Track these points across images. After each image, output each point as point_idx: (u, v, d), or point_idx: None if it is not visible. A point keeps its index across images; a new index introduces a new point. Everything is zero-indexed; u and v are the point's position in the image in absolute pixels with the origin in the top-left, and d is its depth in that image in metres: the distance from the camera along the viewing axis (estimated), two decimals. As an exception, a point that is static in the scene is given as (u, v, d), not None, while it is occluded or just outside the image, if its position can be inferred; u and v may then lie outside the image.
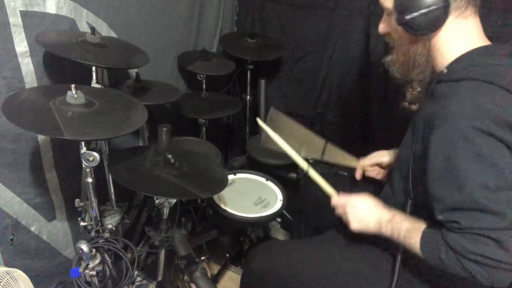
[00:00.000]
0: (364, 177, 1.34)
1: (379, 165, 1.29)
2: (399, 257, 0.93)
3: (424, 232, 0.85)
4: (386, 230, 0.93)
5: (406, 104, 1.06)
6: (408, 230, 0.88)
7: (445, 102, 0.81)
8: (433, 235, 0.83)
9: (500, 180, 0.74)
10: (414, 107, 1.05)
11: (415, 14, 0.83)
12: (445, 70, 0.88)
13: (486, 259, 0.73)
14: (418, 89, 1.01)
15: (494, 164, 0.74)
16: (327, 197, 1.12)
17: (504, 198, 0.73)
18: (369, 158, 1.30)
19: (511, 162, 0.74)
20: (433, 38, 0.88)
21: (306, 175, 1.18)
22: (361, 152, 1.35)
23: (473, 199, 0.74)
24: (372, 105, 1.88)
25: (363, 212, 0.99)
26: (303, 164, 1.18)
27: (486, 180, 0.74)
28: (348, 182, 1.37)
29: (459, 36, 0.87)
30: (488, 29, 0.92)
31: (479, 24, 0.89)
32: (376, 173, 1.30)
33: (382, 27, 0.99)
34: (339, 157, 1.34)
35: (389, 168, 1.28)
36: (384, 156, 1.26)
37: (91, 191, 1.12)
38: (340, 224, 1.07)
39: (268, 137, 1.25)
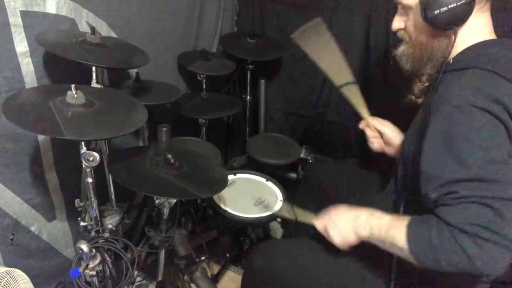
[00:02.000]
0: (370, 167, 1.32)
1: (383, 136, 1.25)
2: (395, 256, 0.92)
3: (410, 220, 0.81)
4: (365, 229, 0.90)
5: (413, 97, 1.06)
6: (390, 220, 0.85)
7: (446, 87, 0.82)
8: (421, 219, 0.79)
9: (499, 154, 0.74)
10: (419, 100, 1.05)
11: (443, 9, 0.84)
12: (451, 60, 0.89)
13: (483, 229, 0.69)
14: (426, 84, 1.01)
15: (492, 138, 0.75)
16: (327, 200, 1.11)
17: (503, 169, 0.73)
18: (380, 122, 1.25)
19: (506, 140, 0.75)
20: (457, 32, 0.88)
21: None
22: (362, 153, 1.35)
23: (473, 170, 0.73)
24: (372, 105, 1.88)
25: (339, 221, 0.96)
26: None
27: (486, 153, 0.74)
28: (355, 174, 1.37)
29: (475, 30, 0.89)
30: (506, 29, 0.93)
31: (490, 18, 0.91)
32: (379, 143, 1.26)
33: (397, 23, 0.99)
34: (355, 98, 1.29)
35: (391, 156, 1.27)
36: (391, 130, 1.22)
37: (91, 191, 1.12)
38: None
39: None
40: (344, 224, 0.95)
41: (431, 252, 0.75)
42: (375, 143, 1.26)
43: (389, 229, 0.84)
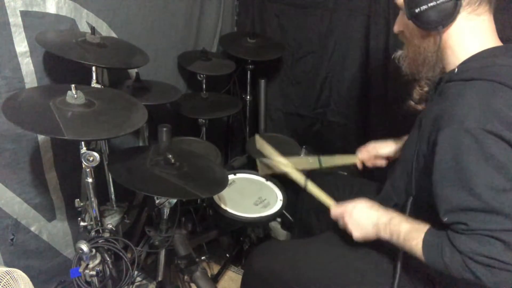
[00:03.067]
0: (364, 175, 1.34)
1: (377, 156, 1.31)
2: (400, 257, 0.93)
3: (426, 234, 0.83)
4: (385, 233, 0.92)
5: (412, 103, 1.05)
6: (408, 231, 0.87)
7: (454, 102, 0.80)
8: (436, 237, 0.82)
9: (509, 182, 0.73)
10: (420, 106, 1.04)
11: (424, 7, 0.83)
12: (456, 69, 0.87)
13: (494, 260, 0.72)
14: (426, 89, 1.00)
15: (502, 166, 0.73)
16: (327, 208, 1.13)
17: (511, 200, 0.73)
18: (367, 151, 1.32)
19: None
20: (444, 34, 0.86)
21: (304, 190, 1.19)
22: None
23: (482, 200, 0.73)
24: (372, 105, 1.88)
25: (361, 219, 0.99)
26: (301, 179, 1.21)
27: (495, 182, 0.73)
28: (349, 182, 1.37)
29: (472, 35, 0.86)
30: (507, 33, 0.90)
31: (493, 23, 0.88)
32: (374, 162, 1.32)
33: (396, 26, 0.99)
34: (337, 160, 1.37)
35: (389, 159, 1.29)
36: (381, 148, 1.29)
37: (91, 191, 1.12)
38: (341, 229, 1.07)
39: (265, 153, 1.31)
40: (366, 222, 0.97)
41: (444, 267, 0.79)
42: (380, 162, 1.32)
43: (407, 239, 0.87)
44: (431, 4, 0.82)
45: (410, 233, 0.86)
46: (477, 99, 0.77)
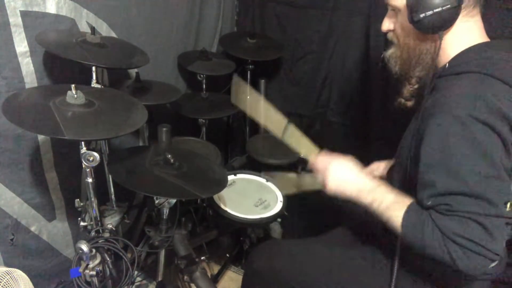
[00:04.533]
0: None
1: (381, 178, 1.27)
2: (398, 255, 0.92)
3: (409, 208, 0.83)
4: (366, 198, 0.91)
5: (402, 100, 1.06)
6: (392, 201, 0.87)
7: (444, 92, 0.82)
8: (419, 213, 0.81)
9: (493, 169, 0.75)
10: (409, 103, 1.05)
11: (429, 13, 0.83)
12: (447, 65, 0.88)
13: (472, 243, 0.73)
14: (416, 86, 1.01)
15: (488, 153, 0.75)
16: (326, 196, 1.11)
17: (496, 187, 0.75)
18: (371, 172, 1.28)
19: (502, 153, 0.76)
20: (443, 36, 0.88)
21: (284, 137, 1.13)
22: (361, 152, 1.35)
23: (467, 184, 0.75)
24: (372, 105, 1.88)
25: (344, 176, 0.97)
26: (281, 121, 1.14)
27: (480, 168, 0.75)
28: None
29: (465, 35, 0.88)
30: (504, 29, 0.92)
31: (481, 22, 0.90)
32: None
33: (386, 24, 0.98)
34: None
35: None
36: (383, 169, 1.26)
37: (91, 191, 1.12)
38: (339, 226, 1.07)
39: (240, 96, 1.22)
40: (349, 181, 0.96)
41: (420, 243, 0.79)
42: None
43: (389, 208, 0.86)
44: (437, 10, 0.83)
45: (393, 204, 0.86)
46: (466, 89, 0.79)
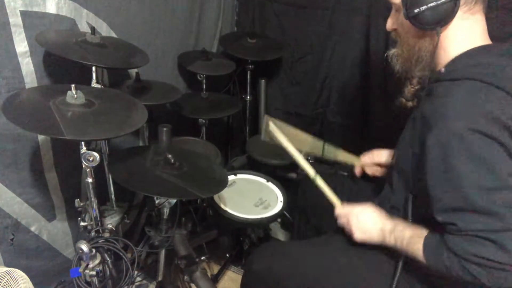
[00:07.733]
0: (364, 176, 1.34)
1: (379, 165, 1.29)
2: (401, 260, 0.93)
3: (426, 238, 0.84)
4: (390, 240, 0.94)
5: (403, 100, 1.06)
6: (410, 237, 0.88)
7: (442, 102, 0.81)
8: (435, 240, 0.82)
9: (496, 181, 0.74)
10: (410, 103, 1.05)
11: (423, 7, 0.83)
12: (443, 70, 0.87)
13: (488, 261, 0.72)
14: (417, 87, 1.00)
15: (489, 165, 0.74)
16: (328, 201, 1.13)
17: (500, 198, 0.73)
18: (370, 157, 1.31)
19: (506, 161, 0.74)
20: (441, 33, 0.86)
21: (313, 182, 1.18)
22: (361, 152, 1.35)
23: (470, 200, 0.74)
24: (372, 105, 1.88)
25: (367, 223, 1.00)
26: (311, 172, 1.19)
27: (482, 181, 0.74)
28: (348, 182, 1.37)
29: (465, 34, 0.86)
30: (506, 30, 0.91)
31: (485, 22, 0.88)
32: (375, 170, 1.31)
33: (390, 24, 0.98)
34: (339, 155, 1.35)
35: (388, 167, 1.28)
36: (384, 156, 1.27)
37: (91, 191, 1.12)
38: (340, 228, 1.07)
39: (271, 136, 1.25)
40: (372, 227, 0.99)
41: (444, 269, 0.80)
42: (379, 172, 1.31)
43: (410, 244, 0.88)
44: (431, 4, 0.82)
45: (412, 238, 0.88)
46: (462, 99, 0.78)
